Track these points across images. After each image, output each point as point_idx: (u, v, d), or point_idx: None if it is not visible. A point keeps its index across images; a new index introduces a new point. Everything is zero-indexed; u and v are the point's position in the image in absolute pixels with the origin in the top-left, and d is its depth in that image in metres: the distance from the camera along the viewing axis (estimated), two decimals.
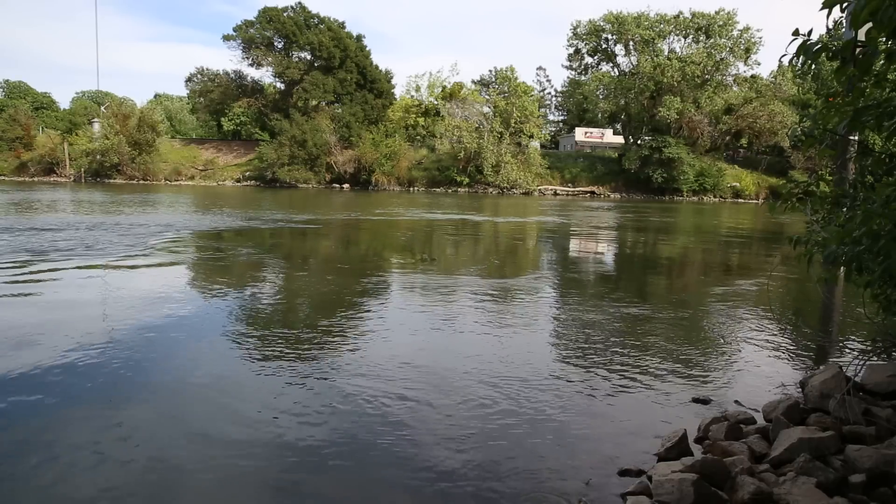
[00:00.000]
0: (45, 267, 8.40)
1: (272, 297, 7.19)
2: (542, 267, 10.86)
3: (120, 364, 4.35)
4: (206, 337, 5.23)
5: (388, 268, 10.10)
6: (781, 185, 6.73)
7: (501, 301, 7.16)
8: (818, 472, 2.66)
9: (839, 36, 3.18)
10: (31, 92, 70.76)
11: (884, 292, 3.47)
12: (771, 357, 5.05)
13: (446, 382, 4.18)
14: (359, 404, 3.75)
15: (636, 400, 3.98)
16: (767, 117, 47.12)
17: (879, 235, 2.85)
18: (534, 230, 18.29)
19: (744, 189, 50.19)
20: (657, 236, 17.46)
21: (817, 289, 7.45)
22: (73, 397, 3.77)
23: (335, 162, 51.00)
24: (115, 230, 13.36)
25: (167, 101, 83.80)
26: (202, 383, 4.08)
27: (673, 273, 10.63)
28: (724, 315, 6.84)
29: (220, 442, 3.21)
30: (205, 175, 52.72)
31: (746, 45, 49.91)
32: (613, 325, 6.02)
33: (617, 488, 2.83)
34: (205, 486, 2.80)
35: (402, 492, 2.78)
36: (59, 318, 5.67)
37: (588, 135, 60.45)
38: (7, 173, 51.29)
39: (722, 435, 3.26)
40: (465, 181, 49.46)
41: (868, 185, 3.37)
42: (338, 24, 55.08)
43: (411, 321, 6.07)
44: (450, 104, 53.99)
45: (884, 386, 3.66)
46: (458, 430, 3.42)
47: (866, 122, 2.70)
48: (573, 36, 54.66)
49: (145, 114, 51.78)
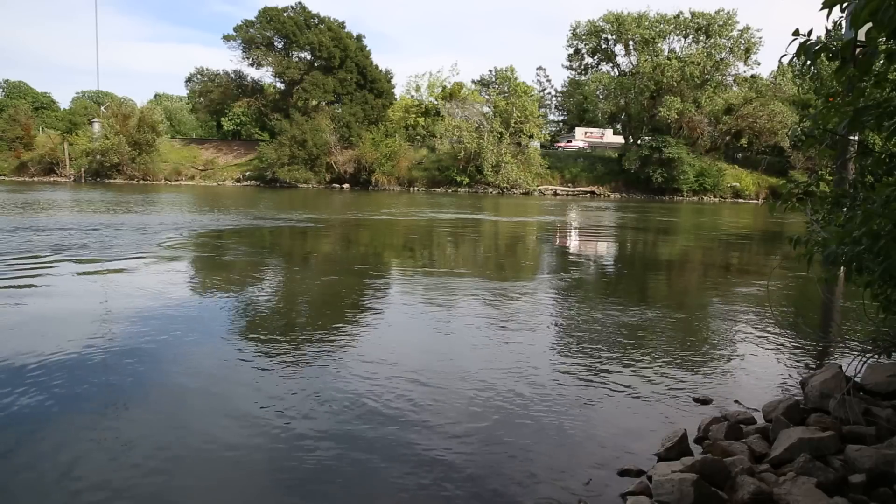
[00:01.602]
0: (72, 266, 8.59)
1: (282, 298, 7.20)
2: (542, 267, 10.86)
3: (138, 360, 4.37)
4: (219, 334, 5.24)
5: (391, 268, 10.10)
6: (781, 185, 6.84)
7: (501, 301, 7.15)
8: (818, 472, 2.66)
9: (839, 36, 3.18)
10: (31, 92, 70.75)
11: (884, 292, 3.47)
12: (771, 357, 5.05)
13: (447, 382, 4.18)
14: (359, 404, 3.75)
15: (636, 400, 3.98)
16: (767, 117, 47.13)
17: (879, 235, 2.85)
18: (535, 230, 18.29)
19: (744, 189, 50.18)
20: (657, 236, 17.46)
21: (817, 289, 7.45)
22: (79, 393, 3.78)
23: (335, 162, 51.00)
24: (128, 230, 13.56)
25: (167, 101, 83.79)
26: (205, 383, 4.09)
27: (673, 273, 10.63)
28: (725, 315, 6.84)
29: (219, 441, 3.20)
30: (205, 175, 52.71)
31: (746, 45, 49.92)
32: (614, 324, 6.02)
33: (617, 488, 2.83)
34: (204, 486, 2.80)
35: (403, 492, 2.78)
36: (86, 313, 5.73)
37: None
38: (7, 173, 51.28)
39: (722, 435, 3.26)
40: (465, 181, 49.46)
41: (868, 185, 3.36)
42: (338, 24, 55.08)
43: (412, 321, 6.07)
44: (450, 104, 53.98)
45: (884, 386, 3.66)
46: (458, 430, 3.42)
47: (866, 122, 2.69)
48: (573, 36, 54.66)
49: (145, 114, 51.76)
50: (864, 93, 2.95)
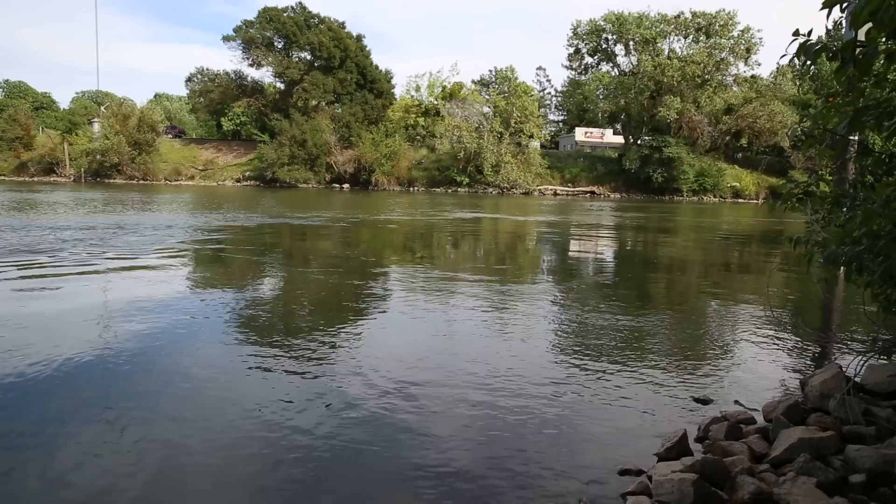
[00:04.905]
0: (87, 266, 8.69)
1: (290, 298, 7.21)
2: (542, 267, 10.86)
3: (148, 358, 4.37)
4: (226, 333, 5.25)
5: (394, 268, 10.10)
6: (781, 185, 6.87)
7: (501, 300, 7.16)
8: (818, 472, 2.66)
9: (839, 36, 3.18)
10: (31, 92, 70.78)
11: (884, 292, 3.47)
12: (771, 357, 5.05)
13: (447, 382, 4.18)
14: (359, 404, 3.75)
15: (636, 400, 3.98)
16: (767, 117, 47.16)
17: (879, 235, 2.85)
18: (536, 230, 18.28)
19: (744, 189, 50.20)
20: (657, 236, 17.47)
21: (817, 289, 7.45)
22: (83, 391, 3.78)
23: (335, 162, 51.00)
24: (145, 229, 13.79)
25: (167, 101, 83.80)
26: (208, 382, 4.09)
27: (673, 273, 10.63)
28: (725, 315, 6.84)
29: (219, 441, 3.20)
30: (205, 175, 52.72)
31: (747, 45, 49.96)
32: (613, 324, 6.02)
33: (617, 488, 2.83)
34: (204, 486, 2.80)
35: (402, 491, 2.78)
36: (106, 312, 5.75)
37: (588, 135, 60.43)
38: (7, 173, 51.28)
39: (722, 435, 3.26)
40: (465, 181, 49.46)
41: (868, 185, 3.36)
42: (338, 24, 55.09)
43: (413, 322, 6.07)
44: (450, 104, 53.99)
45: (884, 386, 3.66)
46: (458, 430, 3.42)
47: (866, 122, 2.69)
48: (573, 36, 54.71)
49: (145, 114, 51.77)
50: (864, 93, 2.95)
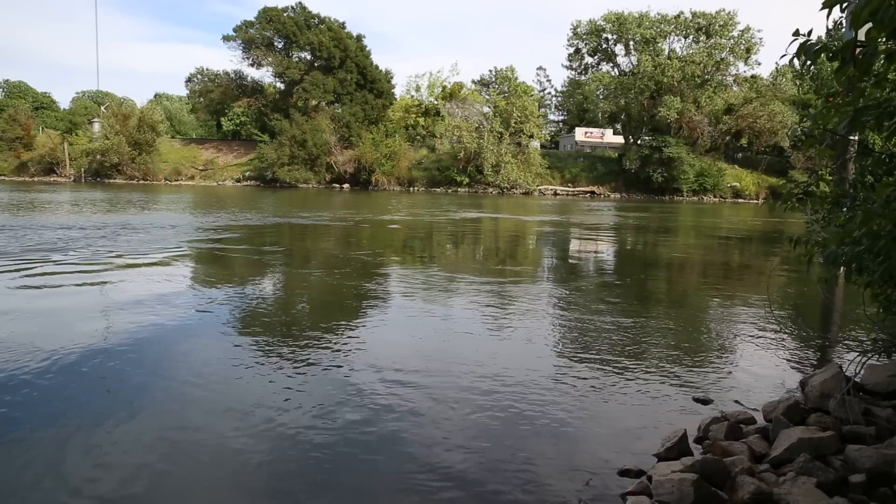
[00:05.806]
0: (97, 264, 8.78)
1: (292, 297, 7.21)
2: (542, 266, 10.86)
3: (153, 357, 4.37)
4: (230, 332, 5.26)
5: (395, 268, 10.09)
6: (781, 185, 6.79)
7: (502, 300, 7.15)
8: (818, 472, 2.66)
9: (839, 36, 3.18)
10: (31, 92, 70.71)
11: (884, 292, 3.47)
12: (771, 357, 5.05)
13: (447, 382, 4.18)
14: (359, 405, 3.74)
15: (636, 400, 3.98)
16: (767, 117, 47.15)
17: (879, 235, 2.85)
18: (536, 229, 18.28)
19: (744, 189, 50.18)
20: (657, 236, 17.46)
21: (817, 289, 7.45)
22: (82, 389, 3.78)
23: (335, 162, 51.00)
24: (154, 229, 13.89)
25: (167, 101, 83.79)
26: (210, 379, 4.09)
27: (673, 273, 10.63)
28: (724, 315, 6.84)
29: (218, 440, 3.20)
30: (205, 175, 52.72)
31: (747, 45, 49.96)
32: (613, 324, 6.02)
33: (617, 488, 2.83)
34: (204, 485, 2.80)
35: (402, 492, 2.78)
36: (120, 310, 5.75)
37: (588, 135, 60.42)
38: (7, 173, 51.28)
39: (722, 435, 3.26)
40: (465, 181, 49.46)
41: (868, 185, 3.36)
42: (338, 24, 55.09)
43: (413, 322, 6.07)
44: (450, 104, 54.00)
45: (884, 386, 3.66)
46: (458, 431, 3.42)
47: (866, 122, 2.69)
48: (573, 36, 54.71)
49: (145, 114, 51.77)
50: (864, 93, 2.95)
